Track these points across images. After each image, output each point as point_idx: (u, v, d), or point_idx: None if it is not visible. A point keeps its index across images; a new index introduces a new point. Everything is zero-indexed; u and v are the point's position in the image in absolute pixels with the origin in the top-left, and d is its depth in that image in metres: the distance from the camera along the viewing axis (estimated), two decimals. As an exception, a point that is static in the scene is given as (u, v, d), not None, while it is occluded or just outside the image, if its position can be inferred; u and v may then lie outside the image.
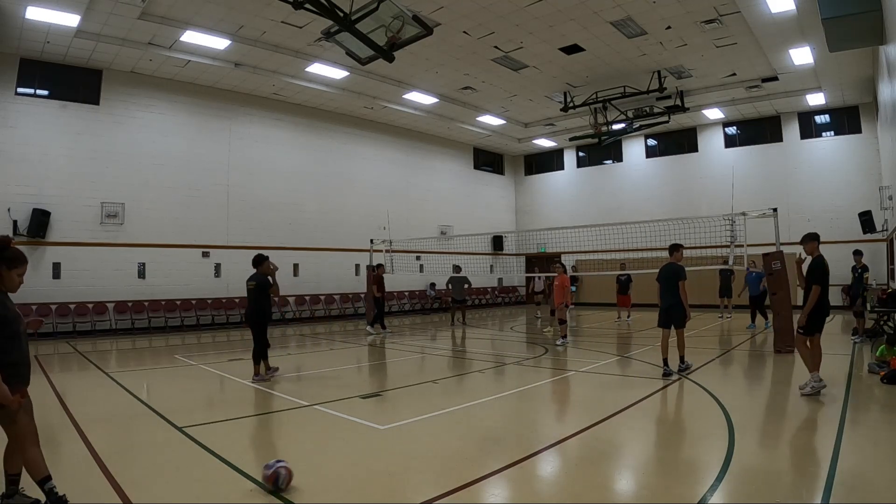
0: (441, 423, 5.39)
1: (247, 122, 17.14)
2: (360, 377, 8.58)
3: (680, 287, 7.61)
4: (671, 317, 7.67)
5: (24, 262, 3.43)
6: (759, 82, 16.80)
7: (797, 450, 4.42)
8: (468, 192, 24.62)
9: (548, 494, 3.70)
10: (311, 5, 7.39)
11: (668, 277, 7.69)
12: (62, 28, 11.75)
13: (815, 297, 6.18)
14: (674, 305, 7.63)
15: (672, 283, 7.65)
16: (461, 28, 13.11)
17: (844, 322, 14.26)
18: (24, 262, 3.43)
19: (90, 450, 4.44)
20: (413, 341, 12.48)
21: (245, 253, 16.29)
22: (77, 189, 13.81)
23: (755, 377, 7.91)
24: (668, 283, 7.68)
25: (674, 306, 7.63)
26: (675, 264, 7.79)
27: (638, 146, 23.37)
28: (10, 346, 3.29)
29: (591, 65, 15.60)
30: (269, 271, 7.74)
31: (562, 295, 11.10)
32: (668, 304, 7.67)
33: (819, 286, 6.20)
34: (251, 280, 7.65)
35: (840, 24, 9.18)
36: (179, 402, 6.43)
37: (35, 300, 13.10)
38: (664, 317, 7.75)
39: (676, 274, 7.67)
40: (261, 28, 12.85)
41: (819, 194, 18.86)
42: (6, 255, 3.33)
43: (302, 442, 4.89)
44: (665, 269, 7.78)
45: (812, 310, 6.22)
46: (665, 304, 7.71)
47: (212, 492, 3.64)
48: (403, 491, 3.65)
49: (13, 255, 3.37)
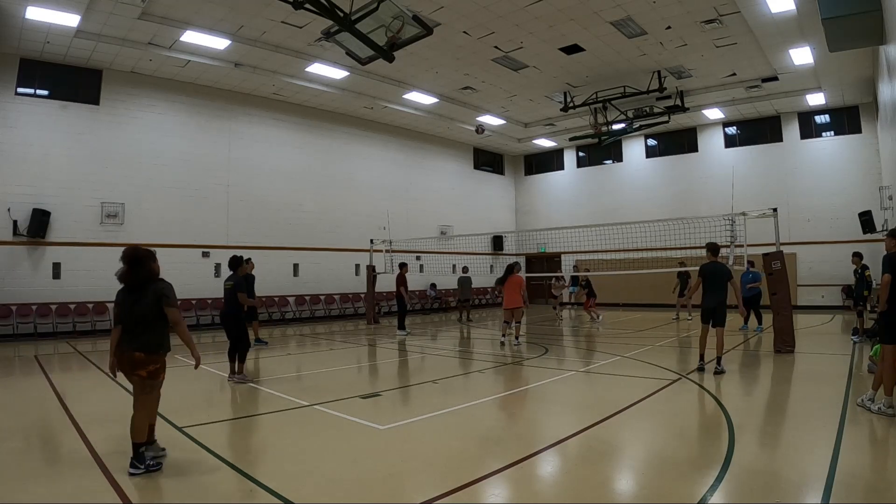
0: (441, 423, 5.39)
1: (247, 122, 17.14)
2: (360, 377, 8.58)
3: (731, 286, 7.76)
4: (716, 315, 7.68)
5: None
6: (759, 82, 16.80)
7: (797, 450, 4.42)
8: (468, 192, 24.62)
9: (548, 494, 3.70)
10: (311, 5, 7.39)
11: (719, 276, 7.72)
12: (62, 28, 11.75)
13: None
14: (722, 303, 7.67)
15: (723, 282, 7.70)
16: (461, 28, 13.11)
17: (844, 322, 14.27)
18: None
19: (90, 450, 4.44)
20: (413, 341, 12.48)
21: (245, 253, 16.39)
22: (77, 189, 13.82)
23: (755, 377, 7.91)
24: (719, 281, 7.71)
25: (721, 304, 7.67)
26: (720, 264, 7.88)
27: (638, 146, 23.37)
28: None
29: (591, 65, 15.60)
30: (246, 273, 7.80)
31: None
32: (717, 302, 7.67)
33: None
34: (229, 280, 7.78)
35: (840, 24, 9.17)
36: (179, 402, 6.42)
37: (35, 300, 13.10)
38: (709, 314, 7.75)
39: (727, 274, 7.79)
40: (261, 28, 12.85)
41: (819, 194, 18.86)
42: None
43: (302, 442, 4.89)
44: (713, 268, 7.77)
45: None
46: (712, 302, 7.69)
47: (212, 492, 3.64)
48: (403, 491, 3.65)
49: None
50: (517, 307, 11.05)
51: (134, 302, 4.13)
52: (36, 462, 4.45)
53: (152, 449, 4.12)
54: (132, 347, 4.07)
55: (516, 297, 11.02)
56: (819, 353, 9.52)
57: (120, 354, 4.14)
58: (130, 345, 4.08)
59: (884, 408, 5.12)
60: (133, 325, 4.11)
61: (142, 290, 4.15)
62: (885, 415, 5.08)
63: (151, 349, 4.09)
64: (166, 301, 4.11)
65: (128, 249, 4.29)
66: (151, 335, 4.11)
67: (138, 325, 4.09)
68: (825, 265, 18.41)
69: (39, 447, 4.96)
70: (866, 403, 5.34)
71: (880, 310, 5.34)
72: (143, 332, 4.09)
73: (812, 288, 18.68)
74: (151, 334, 4.11)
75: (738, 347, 10.38)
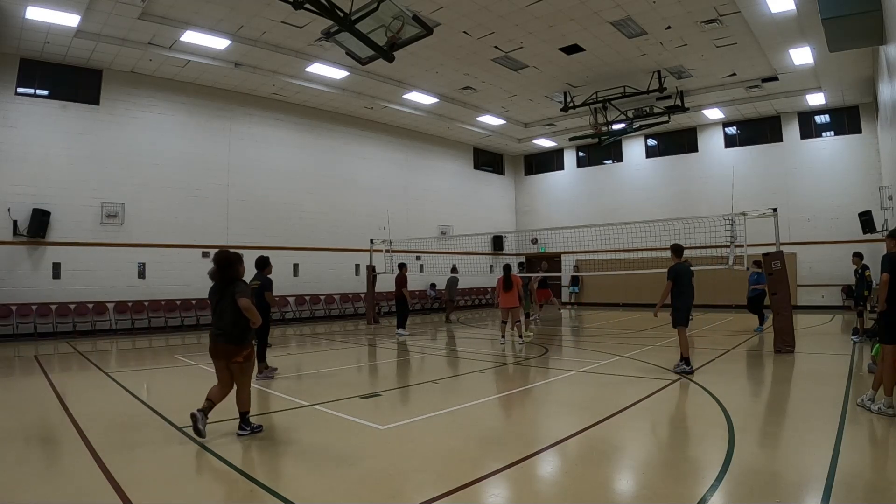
0: (441, 423, 5.39)
1: (247, 122, 17.14)
2: (360, 377, 8.58)
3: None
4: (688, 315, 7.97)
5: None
6: (759, 82, 16.80)
7: (797, 450, 4.42)
8: (468, 192, 24.62)
9: (548, 494, 3.70)
10: (311, 5, 7.39)
11: (689, 276, 7.95)
12: (62, 28, 11.75)
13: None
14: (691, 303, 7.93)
15: (691, 281, 7.94)
16: (461, 28, 13.11)
17: (844, 322, 14.27)
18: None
19: (90, 450, 4.44)
20: (413, 341, 12.47)
21: (245, 253, 16.37)
22: (77, 189, 13.82)
23: (755, 377, 7.91)
24: (690, 281, 7.92)
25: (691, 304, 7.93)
26: (687, 264, 8.07)
27: (638, 146, 23.37)
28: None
29: (591, 65, 15.60)
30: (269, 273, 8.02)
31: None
32: (691, 302, 7.95)
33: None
34: (255, 280, 7.90)
35: (840, 24, 9.17)
36: (179, 402, 6.42)
37: (35, 300, 13.10)
38: (686, 314, 7.96)
39: (692, 273, 8.03)
40: (261, 28, 12.85)
41: (819, 194, 18.86)
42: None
43: (302, 442, 4.89)
44: (682, 268, 7.91)
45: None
46: (688, 302, 7.92)
47: (212, 492, 3.64)
48: (403, 491, 3.65)
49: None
50: (514, 307, 11.07)
51: (220, 299, 4.83)
52: (36, 462, 4.44)
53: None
54: (223, 340, 4.79)
55: (513, 297, 11.04)
56: (819, 353, 9.52)
57: (214, 346, 4.86)
58: (222, 338, 4.79)
59: (884, 408, 5.12)
60: (218, 320, 4.82)
61: (226, 288, 4.82)
62: (885, 415, 5.07)
63: (237, 341, 4.79)
64: (238, 291, 4.72)
65: (219, 252, 4.96)
66: (234, 328, 4.76)
67: (222, 320, 4.79)
68: (825, 265, 18.40)
69: (39, 447, 4.95)
70: (866, 403, 5.34)
71: (880, 310, 5.34)
72: (228, 326, 4.75)
73: (812, 288, 18.68)
74: (234, 327, 4.76)
75: (739, 348, 10.38)
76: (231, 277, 4.87)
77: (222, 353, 4.81)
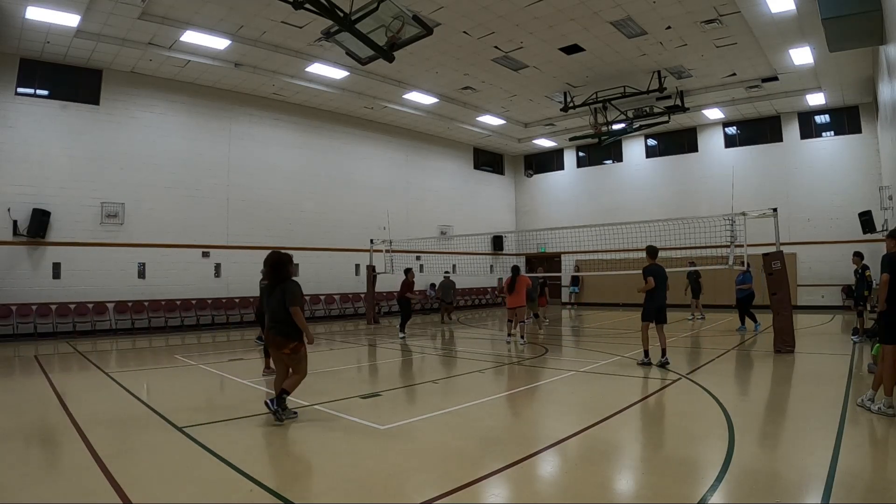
0: (441, 423, 5.39)
1: (247, 122, 17.14)
2: (360, 377, 8.58)
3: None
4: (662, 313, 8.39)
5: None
6: (759, 82, 16.80)
7: (797, 450, 4.42)
8: (468, 192, 24.61)
9: (548, 494, 3.70)
10: (311, 5, 7.38)
11: (664, 277, 8.41)
12: (62, 28, 11.75)
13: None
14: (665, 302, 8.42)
15: (665, 282, 8.40)
16: (461, 28, 13.11)
17: (844, 322, 14.27)
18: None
19: (90, 450, 4.44)
20: (413, 341, 12.47)
21: (245, 253, 16.47)
22: (77, 189, 13.81)
23: (755, 377, 7.91)
24: (664, 282, 8.40)
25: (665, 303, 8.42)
26: (661, 266, 8.50)
27: (638, 146, 23.37)
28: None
29: (591, 65, 15.60)
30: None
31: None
32: (663, 302, 8.40)
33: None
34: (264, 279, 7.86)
35: (840, 24, 9.17)
36: (179, 402, 6.43)
37: (35, 300, 13.10)
38: (657, 313, 8.35)
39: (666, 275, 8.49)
40: (261, 28, 12.85)
41: (819, 194, 18.87)
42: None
43: (302, 442, 4.89)
44: (658, 269, 8.37)
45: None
46: (660, 302, 8.35)
47: (212, 492, 3.64)
48: (403, 491, 3.64)
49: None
50: (518, 307, 11.14)
51: (270, 296, 5.35)
52: (36, 462, 4.45)
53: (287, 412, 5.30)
54: (274, 332, 5.34)
55: (517, 298, 11.11)
56: (819, 353, 9.53)
57: (268, 337, 5.45)
58: (273, 330, 5.35)
59: (884, 408, 5.11)
60: (270, 315, 5.35)
61: (276, 287, 5.30)
62: (885, 415, 5.07)
63: (287, 334, 5.28)
64: (289, 300, 5.21)
65: (272, 254, 5.40)
66: (284, 324, 5.26)
67: (273, 316, 5.31)
68: (825, 265, 18.40)
69: (39, 447, 4.95)
70: (866, 403, 5.34)
71: (880, 310, 5.34)
72: (278, 321, 5.29)
73: (812, 288, 18.68)
74: (284, 323, 5.26)
75: (739, 348, 10.38)
76: (282, 277, 5.34)
77: (273, 343, 5.37)
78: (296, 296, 5.27)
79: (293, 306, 5.21)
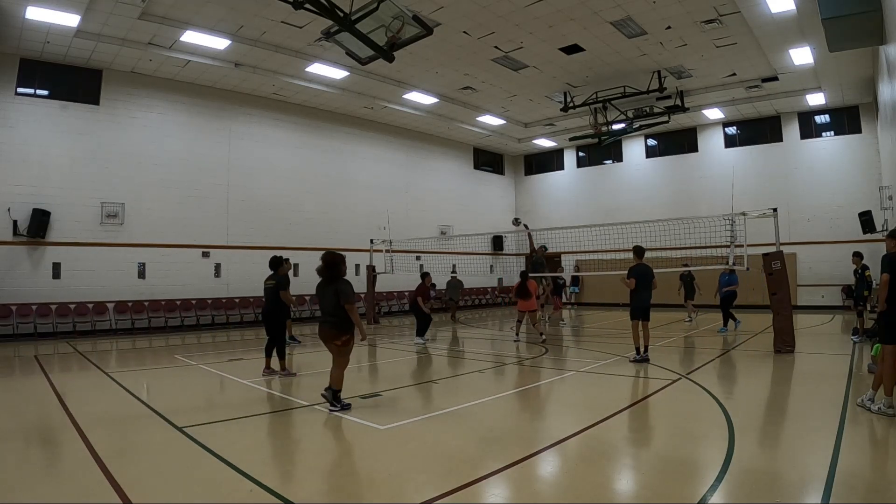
0: (441, 423, 5.39)
1: (247, 122, 17.14)
2: (360, 377, 8.58)
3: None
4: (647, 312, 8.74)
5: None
6: (759, 82, 16.80)
7: (797, 450, 4.42)
8: (468, 192, 24.61)
9: (548, 494, 3.70)
10: (311, 5, 7.38)
11: (649, 277, 8.74)
12: (62, 28, 11.75)
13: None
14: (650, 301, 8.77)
15: (650, 282, 8.75)
16: (461, 28, 13.11)
17: (844, 322, 14.27)
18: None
19: (90, 450, 4.44)
20: (413, 341, 12.45)
21: (245, 253, 16.48)
22: (77, 189, 13.81)
23: (755, 377, 7.91)
24: (648, 281, 8.74)
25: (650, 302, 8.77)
26: (647, 265, 8.82)
27: (638, 146, 23.37)
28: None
29: (591, 65, 15.60)
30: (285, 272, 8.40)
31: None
32: (648, 300, 8.74)
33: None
34: (270, 279, 8.19)
35: (840, 24, 9.17)
36: (179, 402, 6.43)
37: (35, 300, 13.10)
38: (643, 311, 8.68)
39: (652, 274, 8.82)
40: (261, 28, 12.85)
41: (819, 194, 18.87)
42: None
43: (302, 442, 4.89)
44: (643, 269, 8.73)
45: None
46: (645, 301, 8.69)
47: (212, 492, 3.64)
48: (403, 491, 3.64)
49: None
50: (529, 310, 11.68)
51: (323, 293, 5.77)
52: (36, 462, 4.45)
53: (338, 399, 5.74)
54: (326, 326, 5.75)
55: (527, 302, 11.61)
56: (819, 353, 9.53)
57: (321, 329, 5.83)
58: (325, 324, 5.77)
59: (884, 408, 5.12)
60: (324, 310, 5.78)
61: (330, 285, 5.72)
62: (885, 415, 5.07)
63: (338, 328, 5.68)
64: (344, 298, 5.63)
65: (327, 253, 5.87)
66: (336, 318, 5.68)
67: (326, 311, 5.75)
68: (825, 265, 18.40)
69: (39, 447, 4.95)
70: (866, 403, 5.34)
71: (880, 310, 5.34)
72: (330, 316, 5.71)
73: (812, 288, 18.68)
74: (336, 318, 5.68)
75: (738, 348, 10.38)
76: (335, 275, 5.77)
77: (327, 336, 5.74)
78: (350, 294, 5.67)
79: (348, 304, 5.62)
